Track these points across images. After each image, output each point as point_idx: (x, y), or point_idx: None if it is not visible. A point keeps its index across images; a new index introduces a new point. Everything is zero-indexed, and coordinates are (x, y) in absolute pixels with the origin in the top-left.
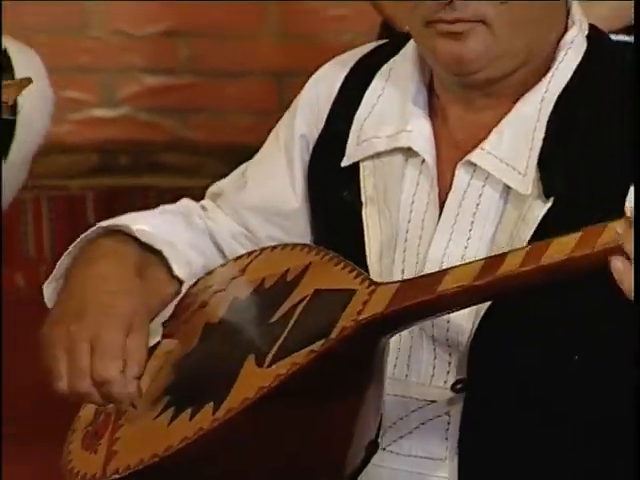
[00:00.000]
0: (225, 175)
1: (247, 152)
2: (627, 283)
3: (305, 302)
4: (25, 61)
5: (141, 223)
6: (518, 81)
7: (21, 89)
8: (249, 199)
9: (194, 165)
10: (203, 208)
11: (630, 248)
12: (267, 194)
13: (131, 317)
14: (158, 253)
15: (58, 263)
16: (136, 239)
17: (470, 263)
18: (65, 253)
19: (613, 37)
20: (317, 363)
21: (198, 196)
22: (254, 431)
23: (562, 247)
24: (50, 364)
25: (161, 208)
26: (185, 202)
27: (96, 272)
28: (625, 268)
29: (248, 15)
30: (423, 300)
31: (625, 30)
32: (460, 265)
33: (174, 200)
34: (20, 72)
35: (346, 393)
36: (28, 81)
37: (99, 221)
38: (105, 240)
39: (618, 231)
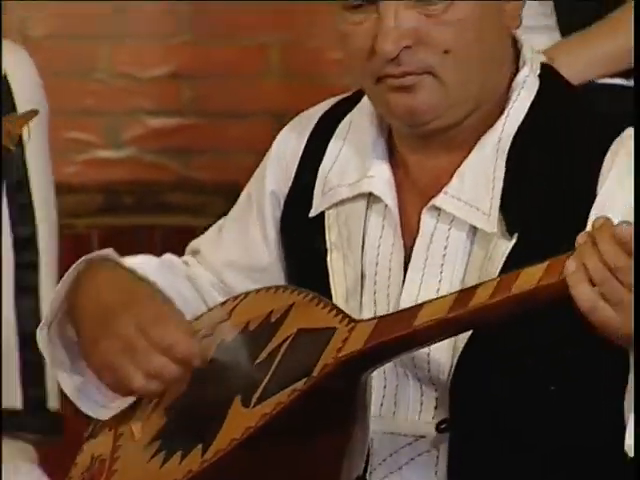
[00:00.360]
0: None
1: None
2: (578, 290)
3: (288, 342)
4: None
5: (127, 260)
6: (472, 125)
7: (27, 122)
8: (225, 256)
9: (199, 204)
10: (185, 263)
11: (588, 259)
12: (241, 251)
13: (155, 296)
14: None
15: (49, 309)
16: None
17: (444, 297)
18: (52, 300)
19: (601, 81)
20: (301, 401)
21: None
22: (242, 471)
23: (530, 277)
24: (116, 378)
25: (144, 256)
26: (168, 256)
27: (100, 283)
28: (577, 274)
29: (250, 57)
30: (400, 335)
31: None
32: (434, 299)
33: (179, 239)
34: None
35: (331, 429)
36: (34, 113)
37: None
38: (93, 264)
39: (578, 241)
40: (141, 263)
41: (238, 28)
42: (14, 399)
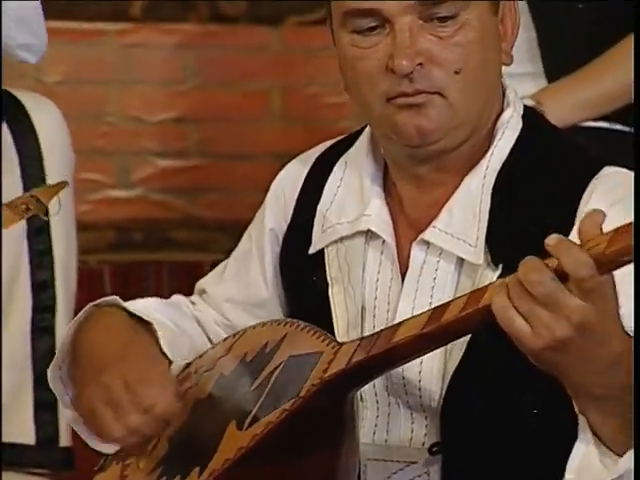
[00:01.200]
0: (233, 249)
1: None
2: (496, 301)
3: (280, 368)
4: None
5: (132, 304)
6: (464, 156)
7: (56, 193)
8: (226, 293)
9: (204, 241)
10: (192, 302)
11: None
12: (241, 287)
13: (147, 353)
14: (148, 324)
15: (61, 344)
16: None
17: (419, 314)
18: (61, 343)
19: (585, 124)
20: (289, 420)
21: (208, 270)
22: None
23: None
24: (97, 424)
25: (151, 299)
26: (176, 297)
27: (100, 331)
28: (498, 287)
29: (253, 101)
30: (380, 352)
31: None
32: (411, 317)
33: (185, 273)
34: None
35: (320, 447)
36: (64, 184)
37: (115, 293)
38: (102, 309)
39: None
40: (148, 307)
41: (241, 75)
42: (28, 436)
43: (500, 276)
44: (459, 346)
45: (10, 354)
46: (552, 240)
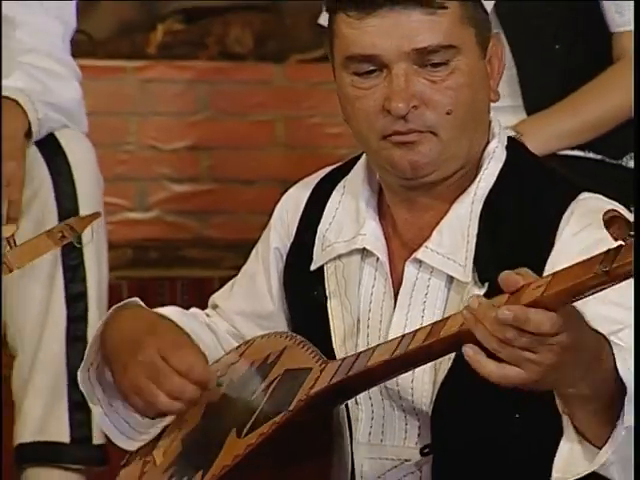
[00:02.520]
0: (241, 266)
1: None
2: (484, 370)
3: (277, 380)
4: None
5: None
6: (453, 184)
7: (89, 223)
8: (236, 306)
9: (214, 258)
10: (207, 315)
11: (481, 336)
12: (249, 300)
13: (174, 328)
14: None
15: (86, 354)
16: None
17: (392, 340)
18: (89, 346)
19: (562, 152)
20: (279, 432)
21: (217, 285)
22: None
23: (454, 322)
24: (143, 400)
25: (175, 307)
26: (193, 309)
27: (127, 320)
28: (477, 356)
29: (259, 131)
30: (357, 373)
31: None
32: (385, 342)
33: (197, 288)
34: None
35: (308, 458)
36: (97, 215)
37: None
38: (121, 310)
39: (466, 316)
40: (169, 314)
41: (248, 107)
42: (64, 434)
43: (486, 293)
44: (448, 357)
45: (46, 360)
46: (474, 300)
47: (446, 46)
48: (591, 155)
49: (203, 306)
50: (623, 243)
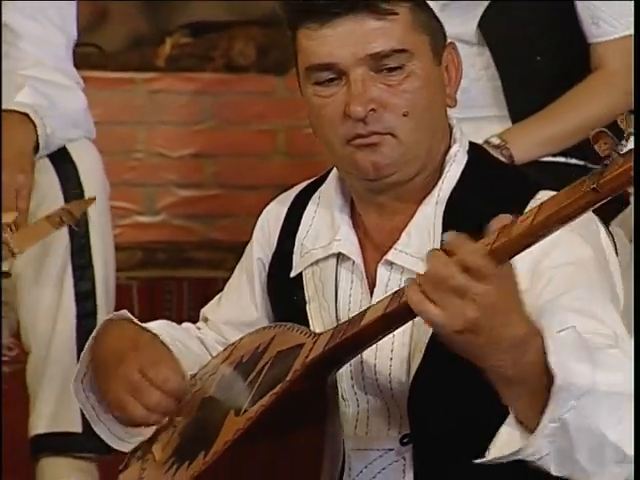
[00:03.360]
0: None
1: None
2: (409, 294)
3: (270, 362)
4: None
5: (149, 325)
6: (417, 187)
7: (85, 207)
8: (223, 316)
9: (218, 260)
10: (198, 328)
11: (422, 273)
12: (235, 311)
13: (156, 344)
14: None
15: (78, 365)
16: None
17: (381, 300)
18: (81, 357)
19: (545, 159)
20: (278, 402)
21: (221, 285)
22: (236, 466)
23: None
24: (123, 411)
25: (165, 321)
26: (185, 324)
27: (113, 335)
28: (411, 284)
29: (261, 139)
30: (351, 334)
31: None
32: (373, 304)
33: (202, 288)
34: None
35: (306, 425)
36: (92, 200)
37: (142, 305)
38: (110, 323)
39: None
40: (157, 327)
41: (251, 117)
42: (76, 425)
43: None
44: (419, 350)
45: (58, 355)
46: (449, 236)
47: (399, 50)
48: (573, 161)
49: (206, 304)
50: (609, 158)
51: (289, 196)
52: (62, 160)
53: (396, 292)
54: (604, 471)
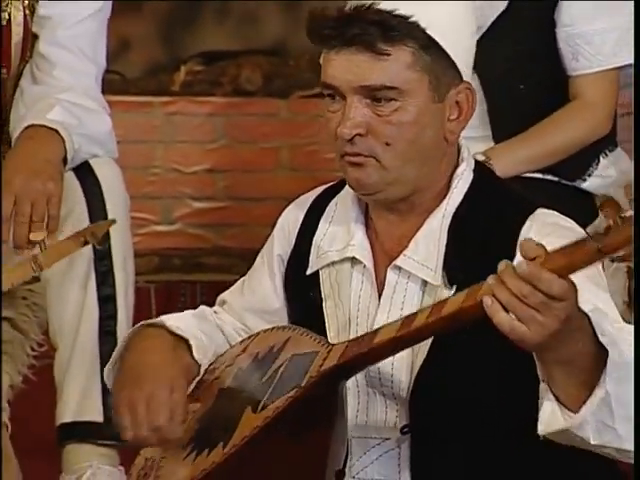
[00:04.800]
0: None
1: None
2: (496, 318)
3: (285, 364)
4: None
5: (172, 320)
6: (420, 202)
7: (106, 228)
8: (245, 304)
9: (228, 265)
10: (215, 312)
11: (499, 293)
12: (257, 298)
13: (173, 380)
14: (184, 340)
15: (115, 351)
16: (168, 331)
17: (394, 321)
18: (119, 344)
19: (525, 175)
20: (293, 405)
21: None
22: (252, 459)
23: (455, 302)
24: (118, 419)
25: (187, 312)
26: (202, 308)
27: (145, 349)
28: (493, 305)
29: (267, 156)
30: (364, 351)
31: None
32: (387, 324)
33: (214, 291)
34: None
35: (317, 426)
36: (112, 222)
37: (159, 307)
38: (147, 329)
39: (489, 282)
40: (186, 322)
41: (258, 136)
42: (98, 415)
43: (454, 294)
44: (424, 346)
45: (82, 352)
46: (526, 248)
47: (389, 87)
48: (549, 177)
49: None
50: (612, 223)
51: (308, 199)
52: (87, 175)
53: (407, 317)
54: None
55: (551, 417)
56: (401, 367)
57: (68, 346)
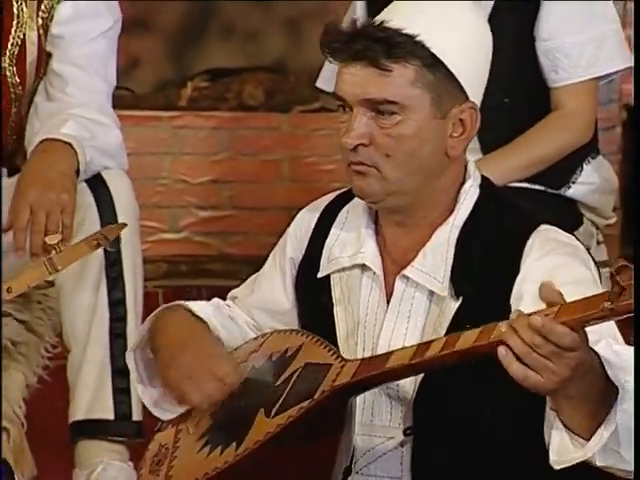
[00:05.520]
0: None
1: None
2: (511, 368)
3: (299, 371)
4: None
5: (192, 305)
6: (426, 215)
7: (118, 232)
8: (256, 301)
9: (232, 271)
10: (227, 305)
11: (513, 343)
12: (268, 298)
13: (211, 338)
14: (204, 322)
15: (135, 339)
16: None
17: (408, 347)
18: (138, 332)
19: (512, 185)
20: (305, 416)
21: None
22: (263, 463)
23: (468, 338)
24: (182, 394)
25: (203, 302)
26: (216, 300)
27: (174, 324)
28: (508, 356)
29: (268, 168)
30: (376, 373)
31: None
32: (401, 348)
33: (219, 295)
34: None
35: (326, 436)
36: (124, 225)
37: None
38: (169, 310)
39: (502, 330)
40: (206, 312)
41: (260, 149)
42: (109, 412)
43: (460, 305)
44: None
45: (94, 354)
46: (545, 292)
47: (391, 101)
48: (536, 187)
49: None
50: (626, 287)
51: (320, 205)
52: (98, 186)
53: (421, 345)
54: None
55: (561, 446)
56: None
57: (80, 348)
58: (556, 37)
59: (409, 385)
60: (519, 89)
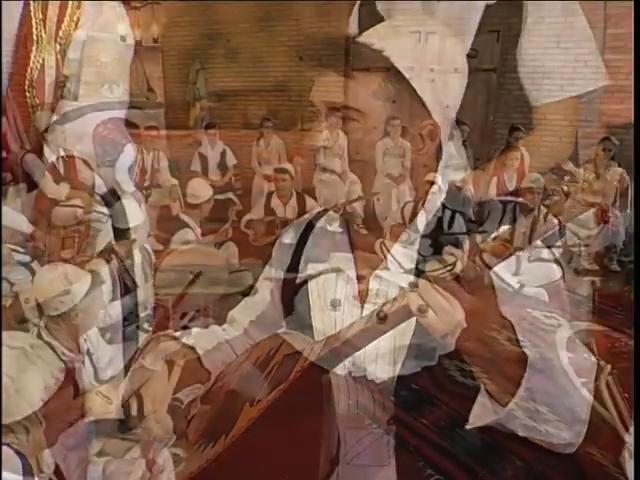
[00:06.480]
0: (254, 285)
1: None
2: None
3: (278, 363)
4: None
5: (187, 337)
6: (389, 222)
7: (130, 246)
8: (250, 317)
9: (236, 278)
10: (224, 329)
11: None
12: (259, 313)
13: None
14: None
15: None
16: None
17: (362, 317)
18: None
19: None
20: (284, 397)
21: (240, 299)
22: (251, 447)
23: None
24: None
25: (198, 329)
26: (212, 327)
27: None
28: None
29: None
30: (341, 343)
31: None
32: (355, 321)
33: (225, 302)
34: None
35: (306, 416)
36: (134, 240)
37: (176, 317)
38: (155, 343)
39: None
40: (197, 337)
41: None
42: (120, 412)
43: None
44: (403, 351)
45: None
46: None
47: (351, 108)
48: (520, 200)
49: (226, 313)
50: None
51: (304, 221)
52: (112, 200)
53: (373, 311)
54: (566, 430)
55: (482, 411)
56: (385, 368)
57: (95, 352)
58: (537, 60)
59: (387, 379)
60: (503, 107)
